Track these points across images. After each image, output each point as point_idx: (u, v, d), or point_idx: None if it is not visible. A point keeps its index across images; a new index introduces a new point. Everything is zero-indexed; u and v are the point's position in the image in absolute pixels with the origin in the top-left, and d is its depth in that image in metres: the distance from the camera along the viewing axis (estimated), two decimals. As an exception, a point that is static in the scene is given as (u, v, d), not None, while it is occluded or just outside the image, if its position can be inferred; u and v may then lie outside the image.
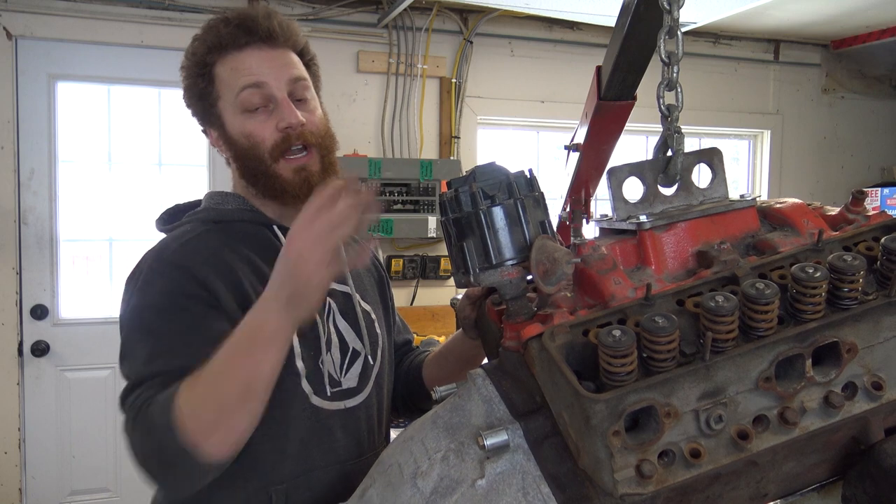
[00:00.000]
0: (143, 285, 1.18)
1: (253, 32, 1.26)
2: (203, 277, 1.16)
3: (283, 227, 1.30)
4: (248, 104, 1.24)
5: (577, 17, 3.87)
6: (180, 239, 1.24)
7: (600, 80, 1.92)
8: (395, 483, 0.84)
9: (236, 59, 1.26)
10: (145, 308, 1.15)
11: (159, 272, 1.18)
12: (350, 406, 1.29)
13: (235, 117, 1.26)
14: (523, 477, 0.77)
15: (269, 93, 1.25)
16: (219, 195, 1.34)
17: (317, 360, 1.25)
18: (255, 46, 1.26)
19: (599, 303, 0.85)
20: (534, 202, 0.91)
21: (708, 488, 0.77)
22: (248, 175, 1.28)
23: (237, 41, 1.26)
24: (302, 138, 1.25)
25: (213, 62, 1.27)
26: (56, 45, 3.35)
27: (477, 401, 0.85)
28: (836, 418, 0.77)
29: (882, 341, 0.79)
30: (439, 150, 3.99)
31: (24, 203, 3.34)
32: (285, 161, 1.25)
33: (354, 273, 1.40)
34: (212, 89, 1.27)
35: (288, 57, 1.29)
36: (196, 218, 1.30)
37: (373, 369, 1.36)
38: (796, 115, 4.79)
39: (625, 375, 0.72)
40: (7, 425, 3.33)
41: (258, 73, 1.25)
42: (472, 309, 1.25)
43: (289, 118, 1.24)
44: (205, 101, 1.29)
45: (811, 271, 0.76)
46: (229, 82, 1.26)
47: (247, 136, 1.25)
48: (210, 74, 1.27)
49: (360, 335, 1.34)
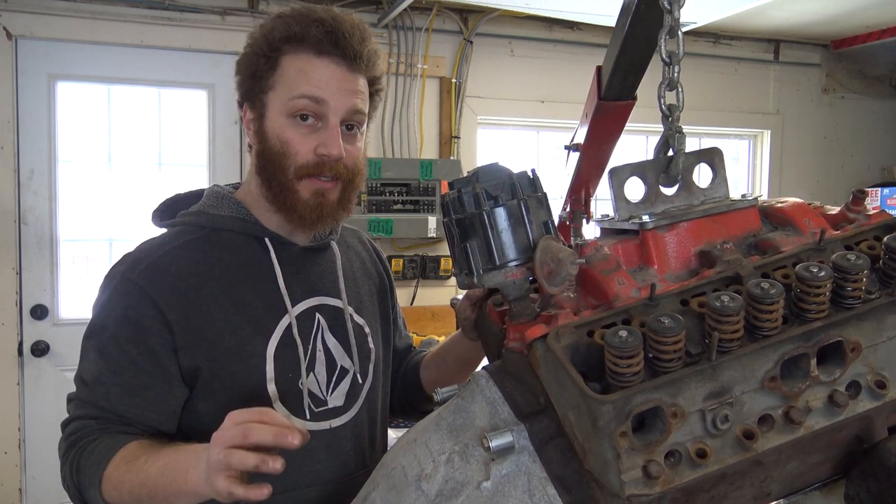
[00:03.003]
0: (107, 302, 1.21)
1: (339, 46, 1.19)
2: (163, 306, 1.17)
3: (277, 238, 1.27)
4: (298, 111, 1.19)
5: (577, 17, 3.86)
6: (158, 250, 1.23)
7: (600, 80, 1.92)
8: (399, 486, 0.84)
9: (309, 63, 1.19)
10: (105, 328, 1.19)
11: (124, 293, 1.19)
12: (335, 426, 1.28)
13: (279, 117, 1.20)
14: (529, 478, 0.77)
15: (324, 111, 1.20)
16: (216, 196, 1.30)
17: (296, 381, 1.24)
18: (333, 59, 1.20)
19: (603, 303, 0.84)
20: (537, 202, 0.90)
21: (713, 488, 0.77)
22: (264, 177, 1.24)
23: (320, 46, 1.19)
24: (334, 170, 1.21)
25: (285, 51, 1.20)
26: (56, 45, 3.34)
27: (481, 402, 0.85)
28: (841, 417, 0.77)
29: (885, 340, 0.79)
30: (439, 150, 3.99)
31: (24, 203, 3.34)
32: (308, 180, 1.21)
33: (351, 282, 1.38)
34: (270, 76, 1.21)
35: (359, 84, 1.23)
36: (187, 221, 1.28)
37: (362, 388, 1.33)
38: (796, 115, 4.79)
39: (631, 376, 0.71)
40: (7, 425, 3.33)
41: (324, 88, 1.19)
42: (473, 310, 1.24)
43: (330, 148, 1.19)
44: (257, 82, 1.22)
45: (815, 270, 0.76)
46: (291, 80, 1.19)
47: (283, 142, 1.20)
48: (275, 60, 1.20)
49: (350, 352, 1.32)
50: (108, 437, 1.14)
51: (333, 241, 1.36)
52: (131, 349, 1.17)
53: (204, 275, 1.21)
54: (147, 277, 1.19)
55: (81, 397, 1.21)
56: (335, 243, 1.37)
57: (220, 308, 1.20)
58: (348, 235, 1.47)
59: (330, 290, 1.33)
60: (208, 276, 1.21)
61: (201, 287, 1.20)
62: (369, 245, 1.53)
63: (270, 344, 1.22)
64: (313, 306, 1.29)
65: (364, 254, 1.49)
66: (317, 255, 1.34)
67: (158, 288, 1.18)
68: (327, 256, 1.35)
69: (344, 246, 1.42)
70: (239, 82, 1.27)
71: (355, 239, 1.49)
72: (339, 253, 1.36)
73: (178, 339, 1.18)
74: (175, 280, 1.19)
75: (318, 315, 1.29)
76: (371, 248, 1.52)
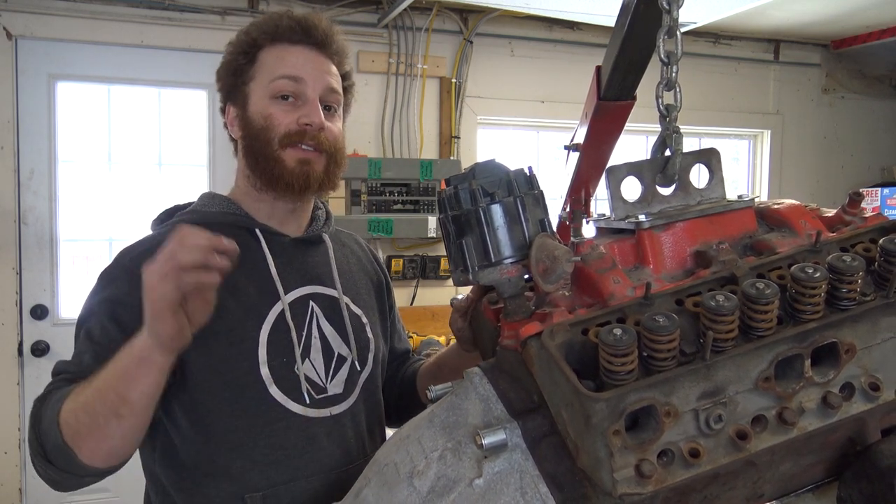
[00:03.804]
0: (98, 289, 1.25)
1: (310, 34, 1.29)
2: None
3: (269, 230, 1.30)
4: (279, 92, 1.27)
5: (577, 17, 3.87)
6: (150, 242, 1.27)
7: (600, 80, 1.92)
8: (391, 482, 0.84)
9: (285, 50, 1.29)
10: (91, 311, 1.23)
11: (113, 277, 1.24)
12: (336, 413, 1.28)
13: (262, 99, 1.28)
14: (521, 476, 0.77)
15: (303, 89, 1.27)
16: (208, 197, 1.36)
17: (291, 366, 1.25)
18: (306, 46, 1.30)
19: (598, 302, 0.84)
20: (533, 200, 0.90)
21: (706, 488, 0.76)
22: (250, 157, 1.29)
23: (293, 35, 1.29)
24: (316, 139, 1.27)
25: (262, 45, 1.30)
26: (56, 45, 3.35)
27: (474, 399, 0.84)
28: (834, 419, 0.77)
29: (880, 342, 0.79)
30: (439, 150, 3.99)
31: (24, 203, 3.34)
32: (292, 149, 1.26)
33: (347, 275, 1.39)
34: (249, 68, 1.30)
35: (332, 68, 1.33)
36: (181, 220, 1.31)
37: (360, 375, 1.34)
38: (796, 115, 4.79)
39: (625, 374, 0.71)
40: (7, 425, 3.33)
41: (301, 69, 1.28)
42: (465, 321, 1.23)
43: (312, 116, 1.27)
44: (237, 77, 1.31)
45: (811, 271, 0.76)
46: (270, 67, 1.28)
47: (265, 117, 1.27)
48: (254, 55, 1.30)
49: (347, 340, 1.33)
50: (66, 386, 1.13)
51: (326, 235, 1.39)
52: (114, 329, 1.18)
53: None
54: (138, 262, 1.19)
55: (58, 371, 1.21)
56: (328, 238, 1.39)
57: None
58: (344, 237, 1.50)
59: (324, 279, 1.34)
60: None
61: None
62: (365, 247, 1.55)
63: (263, 329, 1.24)
64: (306, 294, 1.31)
65: (360, 253, 1.51)
66: (309, 246, 1.36)
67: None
68: (320, 249, 1.38)
69: (339, 243, 1.44)
70: (220, 86, 1.35)
71: (351, 240, 1.52)
72: (331, 245, 1.38)
73: None
74: None
75: (311, 303, 1.31)
76: (367, 250, 1.55)
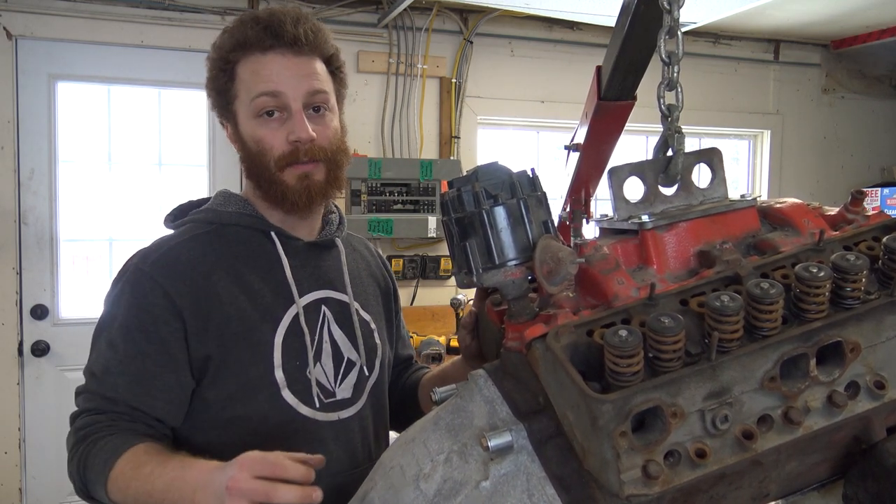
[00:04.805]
0: (118, 294, 1.24)
1: (279, 37, 1.23)
2: (173, 294, 1.20)
3: (284, 234, 1.31)
4: (261, 110, 1.24)
5: (577, 17, 3.86)
6: (168, 243, 1.27)
7: (600, 80, 1.92)
8: (398, 485, 0.84)
9: (258, 62, 1.24)
10: (115, 319, 1.22)
11: (135, 283, 1.22)
12: (344, 417, 1.29)
13: (248, 120, 1.26)
14: (528, 478, 0.77)
15: (284, 102, 1.24)
16: (224, 196, 1.35)
17: (304, 370, 1.25)
18: (278, 51, 1.24)
19: (602, 303, 0.84)
20: (536, 202, 0.90)
21: (712, 488, 0.77)
22: (252, 177, 1.29)
23: (262, 43, 1.24)
24: (310, 154, 1.25)
25: (237, 60, 1.26)
26: (56, 45, 3.34)
27: (479, 402, 0.84)
28: (840, 417, 0.77)
29: (884, 340, 0.79)
30: (439, 150, 3.99)
31: (24, 203, 3.34)
32: (291, 168, 1.25)
33: (357, 280, 1.40)
34: (231, 86, 1.27)
35: (311, 66, 1.26)
36: (196, 218, 1.32)
37: (368, 380, 1.35)
38: (796, 115, 4.79)
39: (631, 376, 0.71)
40: (7, 425, 3.33)
41: (277, 81, 1.23)
42: (472, 338, 1.23)
43: (299, 132, 1.23)
44: (223, 97, 1.29)
45: (815, 271, 0.76)
46: (248, 84, 1.25)
47: (257, 141, 1.25)
48: (232, 71, 1.27)
49: (356, 345, 1.33)
50: (116, 435, 1.15)
51: (338, 239, 1.39)
52: (140, 338, 1.19)
53: (213, 264, 1.25)
54: (158, 268, 1.22)
55: (90, 389, 1.22)
56: (340, 242, 1.39)
57: (230, 294, 1.23)
58: (355, 242, 1.51)
59: (335, 284, 1.35)
60: (217, 265, 1.25)
61: (210, 274, 1.23)
62: (375, 253, 1.56)
63: (278, 332, 1.25)
64: (319, 298, 1.32)
65: (370, 259, 1.52)
66: (322, 250, 1.37)
67: (169, 277, 1.21)
68: (332, 253, 1.38)
69: (350, 248, 1.45)
70: (212, 104, 1.33)
71: (362, 246, 1.53)
72: (344, 250, 1.39)
73: (190, 327, 1.20)
74: (185, 269, 1.22)
75: (323, 307, 1.31)
76: (377, 256, 1.56)
